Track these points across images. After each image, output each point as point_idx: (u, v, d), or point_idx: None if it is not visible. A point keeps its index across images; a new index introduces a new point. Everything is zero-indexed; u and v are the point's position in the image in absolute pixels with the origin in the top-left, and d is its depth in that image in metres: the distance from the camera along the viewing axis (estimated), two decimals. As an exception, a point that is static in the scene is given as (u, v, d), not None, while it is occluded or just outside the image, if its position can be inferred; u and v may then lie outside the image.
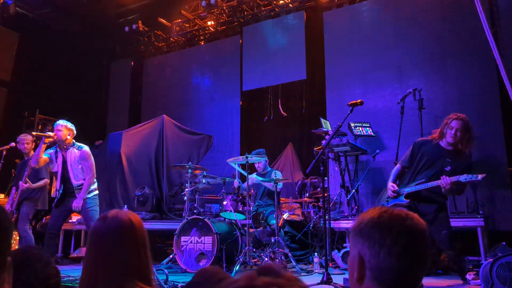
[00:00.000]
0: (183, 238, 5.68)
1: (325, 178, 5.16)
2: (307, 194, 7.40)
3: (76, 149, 5.32)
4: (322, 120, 7.17)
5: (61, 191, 5.24)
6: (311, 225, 6.31)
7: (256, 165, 6.79)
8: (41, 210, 6.33)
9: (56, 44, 9.43)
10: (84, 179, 5.23)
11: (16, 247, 5.69)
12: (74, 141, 5.39)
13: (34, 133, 5.43)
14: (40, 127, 9.34)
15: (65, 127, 5.31)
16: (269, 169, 6.82)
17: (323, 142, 6.61)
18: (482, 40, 6.54)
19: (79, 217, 7.97)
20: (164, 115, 8.62)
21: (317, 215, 6.49)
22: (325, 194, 4.21)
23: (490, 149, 6.61)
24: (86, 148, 5.39)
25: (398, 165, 4.48)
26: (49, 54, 9.54)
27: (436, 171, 4.10)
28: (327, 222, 5.89)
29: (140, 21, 10.73)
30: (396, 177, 4.41)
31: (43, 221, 8.18)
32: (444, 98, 7.17)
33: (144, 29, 10.92)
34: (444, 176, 3.91)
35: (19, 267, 1.02)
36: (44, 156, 5.23)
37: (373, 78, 7.98)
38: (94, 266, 1.51)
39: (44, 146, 5.15)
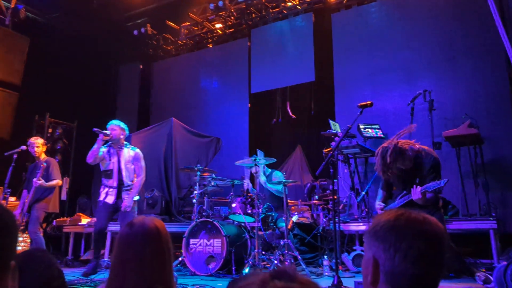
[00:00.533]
0: (192, 241, 5.67)
1: (335, 180, 5.13)
2: (317, 197, 7.37)
3: (131, 149, 5.60)
4: (331, 122, 7.14)
5: (116, 190, 5.43)
6: (321, 228, 6.27)
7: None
8: (52, 213, 6.37)
9: (66, 47, 9.50)
10: (132, 181, 5.49)
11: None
12: (127, 143, 5.68)
13: (94, 129, 5.44)
14: (50, 130, 9.42)
15: (119, 127, 5.56)
16: (269, 170, 6.82)
17: (333, 144, 6.57)
18: (492, 41, 6.49)
19: (89, 220, 8.02)
20: (173, 118, 8.64)
21: (327, 218, 6.45)
22: (335, 197, 4.17)
23: (502, 150, 6.53)
24: (139, 150, 5.68)
25: (379, 190, 4.54)
26: (59, 57, 9.61)
27: (408, 187, 4.05)
28: (337, 224, 5.86)
29: (148, 25, 10.78)
30: (383, 199, 4.43)
31: (54, 223, 8.24)
32: (454, 99, 7.10)
33: (153, 32, 10.97)
34: (413, 188, 3.88)
35: (20, 269, 1.02)
36: (99, 155, 5.44)
37: (382, 79, 7.92)
38: (121, 272, 1.53)
39: (101, 143, 5.38)
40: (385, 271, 1.12)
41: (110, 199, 5.41)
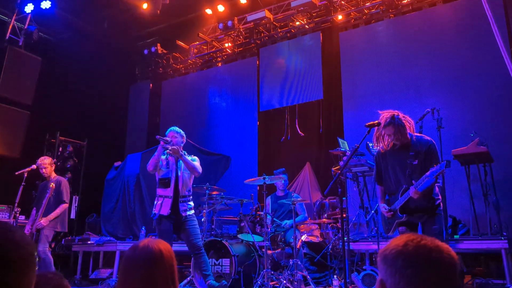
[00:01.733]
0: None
1: (344, 198, 5.11)
2: (326, 215, 7.32)
3: (190, 158, 5.21)
4: (340, 140, 7.14)
5: (171, 200, 5.12)
6: (330, 247, 6.22)
7: (278, 186, 6.80)
8: (60, 231, 6.38)
9: (77, 67, 9.67)
10: (189, 191, 5.26)
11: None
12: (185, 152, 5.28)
13: (157, 136, 5.10)
14: (60, 149, 9.52)
15: (179, 134, 5.23)
16: (287, 191, 6.80)
17: (341, 162, 6.57)
18: (500, 60, 6.48)
19: (97, 237, 8.04)
20: (182, 136, 8.69)
21: (336, 236, 6.40)
22: (344, 215, 4.15)
23: (512, 169, 6.48)
24: (197, 158, 5.35)
25: (376, 185, 4.36)
26: (70, 77, 9.78)
27: (408, 173, 3.97)
28: (346, 243, 5.81)
29: (159, 44, 10.97)
30: (384, 196, 4.26)
31: (62, 242, 8.26)
32: (463, 118, 7.08)
33: (163, 52, 11.14)
34: (410, 188, 3.82)
35: None
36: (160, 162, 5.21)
37: (391, 97, 7.93)
38: None
39: (162, 150, 5.09)
40: (391, 296, 1.12)
41: (165, 210, 5.07)
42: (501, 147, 6.49)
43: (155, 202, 5.24)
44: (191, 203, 5.27)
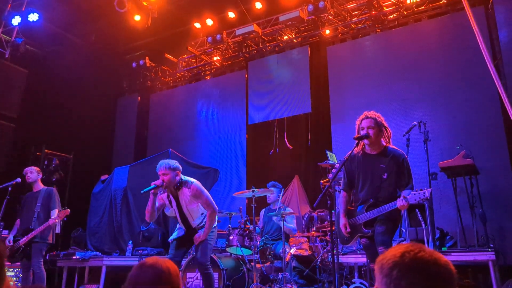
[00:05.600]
0: (188, 274, 5.60)
1: (332, 211, 5.11)
2: (315, 228, 7.31)
3: (186, 186, 4.72)
4: (328, 153, 7.16)
5: (182, 233, 4.81)
6: (319, 260, 6.20)
7: (267, 198, 6.78)
8: (51, 243, 6.16)
9: (64, 80, 9.60)
10: (202, 214, 4.79)
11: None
12: (182, 177, 4.75)
13: (142, 192, 4.62)
14: (46, 162, 9.39)
15: (169, 168, 4.62)
16: (280, 205, 6.77)
17: (330, 175, 6.58)
18: (485, 73, 6.61)
19: (83, 252, 7.90)
20: (170, 149, 8.64)
21: (325, 249, 6.39)
22: (333, 228, 4.14)
23: (497, 182, 6.56)
24: (195, 182, 4.79)
25: (342, 192, 4.24)
26: (57, 89, 9.70)
27: (376, 185, 3.92)
28: (335, 256, 5.79)
29: (147, 57, 10.96)
30: (346, 207, 4.14)
31: (47, 257, 8.08)
32: (449, 131, 7.18)
33: (151, 65, 11.13)
34: (400, 199, 3.68)
35: None
36: (157, 205, 4.76)
37: (378, 110, 7.86)
38: None
39: (153, 197, 4.63)
40: (384, 306, 1.12)
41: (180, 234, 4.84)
42: (487, 160, 6.57)
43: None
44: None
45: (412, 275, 1.09)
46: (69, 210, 5.83)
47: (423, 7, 8.24)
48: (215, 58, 10.70)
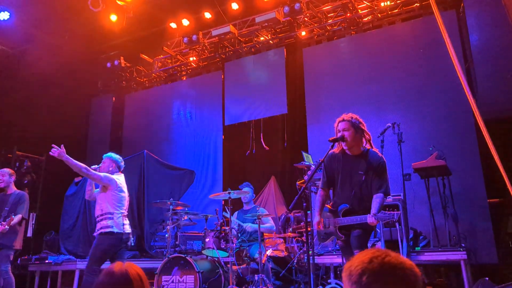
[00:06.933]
0: (164, 278, 5.54)
1: (308, 212, 5.13)
2: (291, 229, 7.33)
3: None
4: (304, 154, 7.19)
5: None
6: (295, 261, 6.22)
7: (243, 199, 6.78)
8: (18, 250, 6.06)
9: (37, 79, 9.37)
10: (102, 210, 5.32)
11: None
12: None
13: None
14: (17, 164, 9.15)
15: (108, 159, 5.45)
16: (253, 205, 6.78)
17: (306, 176, 6.62)
18: (456, 76, 6.75)
19: (56, 256, 7.74)
20: (145, 150, 8.55)
21: (301, 250, 6.41)
22: (309, 229, 4.15)
23: (469, 182, 6.71)
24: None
25: (319, 191, 4.25)
26: (30, 90, 9.47)
27: (354, 189, 3.95)
28: (311, 257, 5.82)
29: (122, 57, 10.79)
30: (322, 205, 4.15)
31: (18, 262, 7.89)
32: (422, 132, 7.31)
33: (126, 65, 10.96)
34: (370, 216, 3.69)
35: None
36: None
37: (353, 111, 7.86)
38: None
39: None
40: (355, 312, 1.12)
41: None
42: (458, 161, 6.72)
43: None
44: (107, 222, 5.16)
45: (381, 279, 1.10)
46: (13, 218, 5.65)
47: (396, 10, 8.37)
48: (191, 59, 10.63)
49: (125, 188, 5.35)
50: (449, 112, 7.20)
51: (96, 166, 5.27)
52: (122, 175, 5.41)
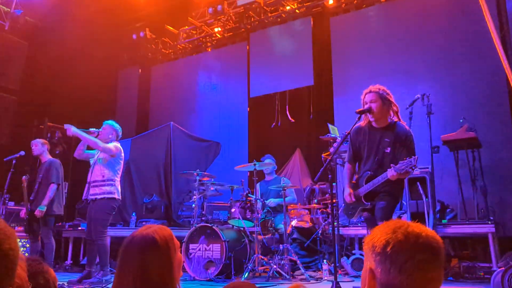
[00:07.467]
0: (191, 246, 5.68)
1: (333, 184, 5.13)
2: (316, 200, 7.37)
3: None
4: (330, 126, 7.14)
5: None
6: (320, 232, 6.28)
7: (265, 171, 6.85)
8: (58, 214, 6.18)
9: (65, 52, 9.51)
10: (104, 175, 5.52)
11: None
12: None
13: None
14: (49, 135, 9.41)
15: (107, 127, 5.77)
16: (275, 176, 6.84)
17: (331, 148, 6.59)
18: (491, 45, 6.51)
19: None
20: (172, 122, 8.64)
21: (326, 222, 6.46)
22: (334, 200, 4.17)
23: (499, 154, 6.55)
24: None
25: (346, 164, 4.23)
26: (58, 62, 9.62)
27: (378, 158, 3.90)
28: (336, 228, 5.86)
29: (147, 29, 10.80)
30: (351, 178, 4.12)
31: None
32: (452, 103, 7.12)
33: (152, 37, 10.98)
34: (389, 169, 3.64)
35: None
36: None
37: (381, 83, 7.77)
38: (124, 279, 1.58)
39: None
40: (381, 283, 1.13)
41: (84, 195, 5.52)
42: (490, 132, 6.55)
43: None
44: (110, 188, 5.36)
45: (407, 248, 1.11)
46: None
47: (429, -24, 8.05)
48: (216, 30, 10.55)
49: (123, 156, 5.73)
50: (481, 83, 6.97)
51: (95, 129, 5.59)
52: (119, 143, 5.74)
